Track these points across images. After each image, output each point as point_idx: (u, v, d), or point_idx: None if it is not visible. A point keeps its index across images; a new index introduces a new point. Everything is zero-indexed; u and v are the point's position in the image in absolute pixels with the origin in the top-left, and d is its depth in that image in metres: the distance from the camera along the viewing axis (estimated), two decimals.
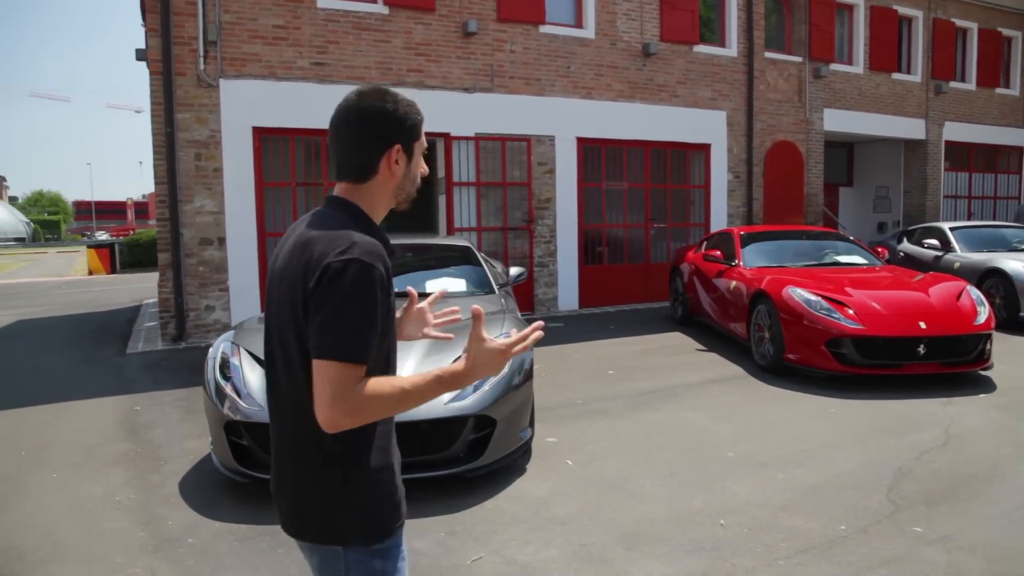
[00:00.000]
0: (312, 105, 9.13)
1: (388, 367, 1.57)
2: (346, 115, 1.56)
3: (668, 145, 12.19)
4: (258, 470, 3.93)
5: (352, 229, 1.48)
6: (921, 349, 6.11)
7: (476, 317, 1.49)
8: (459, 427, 4.01)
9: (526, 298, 10.83)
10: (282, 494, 1.60)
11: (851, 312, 6.27)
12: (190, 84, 8.77)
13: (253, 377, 4.20)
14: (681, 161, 12.56)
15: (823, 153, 13.98)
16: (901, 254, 11.24)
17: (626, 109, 11.56)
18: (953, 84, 16.13)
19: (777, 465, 4.38)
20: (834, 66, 14.03)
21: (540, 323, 1.64)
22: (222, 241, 8.99)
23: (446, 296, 5.75)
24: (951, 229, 10.80)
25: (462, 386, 1.50)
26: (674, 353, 7.83)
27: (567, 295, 11.33)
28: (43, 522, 3.77)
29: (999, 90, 17.04)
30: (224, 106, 8.91)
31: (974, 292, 6.75)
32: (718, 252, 8.44)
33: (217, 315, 9.00)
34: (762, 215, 13.12)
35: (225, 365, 4.33)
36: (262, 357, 4.30)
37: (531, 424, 4.55)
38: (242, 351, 4.42)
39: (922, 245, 10.92)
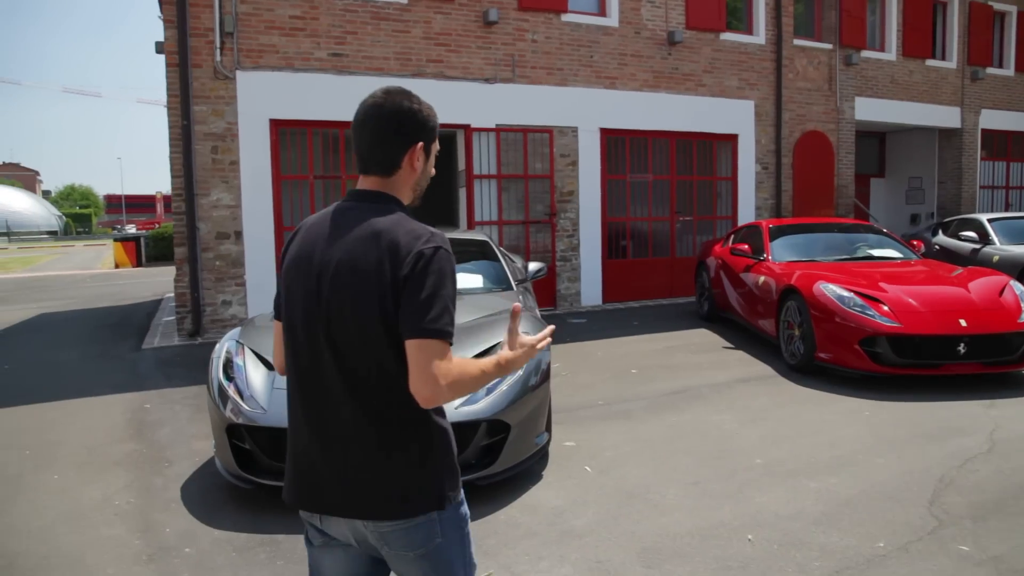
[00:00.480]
0: (330, 97, 8.98)
1: None
2: (376, 111, 1.62)
3: (694, 136, 11.87)
4: (262, 475, 3.76)
5: (412, 219, 1.59)
6: (961, 348, 5.79)
7: (514, 314, 1.63)
8: (471, 432, 3.80)
9: (548, 293, 10.61)
10: (357, 484, 1.55)
11: (886, 309, 5.97)
12: (207, 76, 8.65)
13: (257, 378, 4.02)
14: (708, 152, 12.22)
15: (854, 143, 13.54)
16: (936, 247, 10.82)
17: (651, 99, 11.26)
18: (990, 70, 15.52)
19: (808, 473, 4.12)
20: (865, 53, 13.56)
21: (551, 327, 1.82)
22: (239, 235, 8.88)
23: (466, 292, 5.62)
24: (989, 220, 10.37)
25: (511, 371, 1.64)
26: (699, 351, 7.56)
27: (590, 290, 11.08)
28: (39, 527, 3.64)
29: None
30: (241, 98, 8.79)
31: (1018, 287, 6.40)
32: (746, 246, 8.15)
33: (234, 310, 8.90)
34: (791, 207, 12.74)
35: (229, 365, 4.16)
36: (268, 358, 4.17)
37: (548, 428, 4.33)
38: (247, 351, 4.24)
39: (959, 238, 10.51)
